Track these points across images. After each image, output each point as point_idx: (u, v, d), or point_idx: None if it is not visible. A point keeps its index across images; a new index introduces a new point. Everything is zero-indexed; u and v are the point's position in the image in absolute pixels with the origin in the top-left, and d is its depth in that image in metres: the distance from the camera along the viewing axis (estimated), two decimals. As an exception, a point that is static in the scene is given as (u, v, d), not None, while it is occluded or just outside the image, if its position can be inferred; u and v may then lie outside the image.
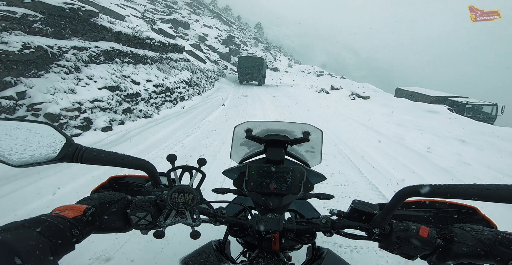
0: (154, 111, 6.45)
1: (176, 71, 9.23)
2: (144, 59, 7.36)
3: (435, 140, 4.91)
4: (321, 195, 0.80)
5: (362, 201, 0.57)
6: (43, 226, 0.37)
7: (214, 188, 0.85)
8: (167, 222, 0.50)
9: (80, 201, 0.50)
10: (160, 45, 8.67)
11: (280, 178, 0.72)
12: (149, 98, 6.44)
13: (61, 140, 0.49)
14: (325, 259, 0.63)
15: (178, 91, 8.31)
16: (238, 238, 0.73)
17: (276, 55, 51.89)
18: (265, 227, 0.57)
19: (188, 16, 35.55)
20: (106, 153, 0.51)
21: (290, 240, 0.60)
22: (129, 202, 0.53)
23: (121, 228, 0.51)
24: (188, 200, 0.50)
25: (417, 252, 0.48)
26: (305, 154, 0.89)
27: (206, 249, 0.67)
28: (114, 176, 0.74)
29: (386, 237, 0.51)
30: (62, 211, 0.44)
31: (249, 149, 0.92)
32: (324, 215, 0.59)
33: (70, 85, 4.48)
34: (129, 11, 19.37)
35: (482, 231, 0.45)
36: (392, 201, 0.48)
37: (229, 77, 21.91)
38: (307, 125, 0.82)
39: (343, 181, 2.99)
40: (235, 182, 0.77)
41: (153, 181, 0.55)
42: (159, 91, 7.04)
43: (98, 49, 5.63)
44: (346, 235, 0.58)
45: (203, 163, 0.56)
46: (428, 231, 0.47)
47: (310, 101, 10.79)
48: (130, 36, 7.00)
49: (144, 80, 6.66)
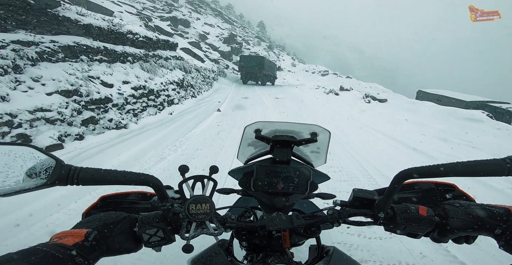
0: (131, 119, 5.24)
1: (166, 70, 8.02)
2: (123, 56, 6.16)
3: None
4: (324, 195, 0.82)
5: (361, 189, 0.59)
6: (38, 257, 0.34)
7: (218, 189, 0.81)
8: (191, 235, 0.49)
9: (76, 226, 0.46)
10: (146, 41, 7.46)
11: (287, 178, 0.72)
12: (124, 104, 5.23)
13: (49, 162, 0.45)
14: (332, 256, 0.62)
15: (166, 93, 7.10)
16: (244, 241, 0.71)
17: (279, 54, 50.60)
18: (278, 226, 0.56)
19: (189, 14, 34.63)
20: (105, 171, 0.47)
21: (299, 235, 0.62)
22: (133, 220, 0.50)
23: (132, 248, 0.48)
24: (206, 209, 0.50)
25: (421, 230, 0.50)
26: (310, 155, 0.89)
27: (215, 249, 0.65)
28: (105, 195, 0.67)
29: (390, 220, 0.52)
30: (61, 238, 0.40)
31: (255, 149, 0.91)
32: (328, 207, 0.59)
33: (1, 90, 3.28)
34: (124, 8, 18.30)
35: (469, 206, 0.48)
36: (391, 185, 0.50)
37: (230, 77, 20.68)
38: (315, 126, 0.80)
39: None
40: (241, 182, 0.77)
41: (160, 195, 0.52)
42: (140, 94, 5.83)
43: (55, 45, 4.44)
44: (352, 223, 0.59)
45: (215, 171, 0.55)
46: (426, 209, 0.50)
47: (319, 105, 9.47)
48: (105, 30, 5.80)
49: (120, 82, 5.45)
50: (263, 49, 44.42)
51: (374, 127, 5.87)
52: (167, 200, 0.52)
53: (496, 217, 0.44)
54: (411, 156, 3.87)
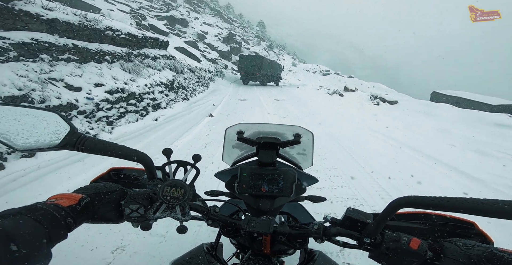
0: (103, 128, 4.44)
1: (153, 70, 7.22)
2: (99, 55, 5.36)
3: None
4: (314, 197, 0.82)
5: (356, 209, 0.56)
6: (39, 213, 0.38)
7: (207, 191, 0.85)
8: (156, 215, 0.50)
9: (77, 190, 0.51)
10: (129, 38, 6.66)
11: (271, 181, 0.71)
12: (94, 110, 4.42)
13: (66, 128, 0.50)
14: (316, 261, 0.63)
15: (151, 97, 6.30)
16: (231, 238, 0.73)
17: (279, 54, 49.78)
18: (255, 228, 0.55)
19: (187, 14, 33.95)
20: (106, 143, 0.51)
21: (281, 244, 0.60)
22: (124, 193, 0.53)
23: (113, 219, 0.51)
24: (180, 194, 0.51)
25: (405, 264, 0.46)
26: (297, 157, 0.88)
27: (197, 251, 0.67)
28: (114, 168, 0.73)
29: (376, 247, 0.50)
30: (57, 199, 0.44)
31: (242, 151, 0.90)
32: (317, 221, 0.58)
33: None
34: (118, 7, 17.54)
35: (473, 247, 0.43)
36: (385, 211, 0.47)
37: (228, 77, 19.86)
38: (298, 127, 0.79)
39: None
40: (227, 184, 0.77)
41: (149, 174, 0.55)
42: (117, 98, 5.02)
43: (5, 42, 3.65)
44: (336, 243, 0.57)
45: (198, 159, 0.56)
46: (419, 243, 0.46)
47: (324, 108, 8.61)
48: (76, 26, 4.99)
49: (91, 84, 4.65)
50: (263, 49, 43.64)
51: (394, 136, 4.99)
52: (154, 179, 0.55)
53: (502, 262, 0.37)
54: (453, 180, 2.97)
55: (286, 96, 11.88)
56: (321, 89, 14.83)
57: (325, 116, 6.95)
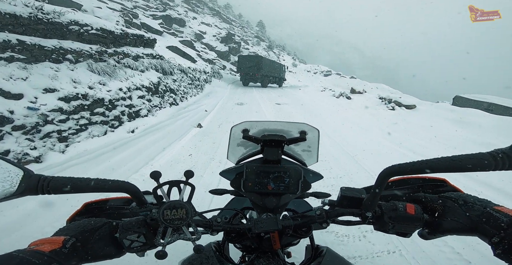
0: (52, 147, 3.39)
1: (133, 72, 6.18)
2: (57, 54, 4.32)
3: None
4: (319, 194, 0.79)
5: (349, 187, 0.57)
6: (14, 263, 0.34)
7: (211, 189, 0.83)
8: (166, 241, 0.48)
9: (56, 233, 0.46)
10: (102, 35, 5.60)
11: (277, 178, 0.70)
12: (40, 124, 3.38)
13: (18, 173, 0.44)
14: (325, 257, 0.64)
15: (127, 103, 5.25)
16: (235, 243, 0.72)
17: (279, 54, 48.80)
18: (264, 228, 0.55)
19: (185, 14, 33.00)
20: (77, 180, 0.46)
21: (289, 236, 0.62)
22: (114, 226, 0.49)
23: (112, 254, 0.47)
24: (182, 215, 0.49)
25: (410, 229, 0.48)
26: (301, 154, 0.87)
27: (206, 251, 0.65)
28: (89, 202, 0.67)
29: (378, 219, 0.51)
30: (38, 245, 0.40)
31: (246, 149, 0.89)
32: (316, 207, 0.59)
33: None
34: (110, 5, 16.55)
35: (473, 205, 0.45)
36: (377, 183, 0.48)
37: (226, 78, 18.81)
38: (303, 124, 0.78)
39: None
40: (232, 183, 0.75)
41: (138, 201, 0.52)
42: (75, 107, 3.97)
43: None
44: (341, 223, 0.58)
45: (191, 175, 0.55)
46: (414, 207, 0.48)
47: (333, 115, 7.51)
48: (24, 18, 3.95)
49: (39, 90, 3.60)
50: (263, 49, 42.64)
51: (430, 154, 3.93)
52: (145, 206, 0.52)
53: (497, 224, 0.40)
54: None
55: (288, 99, 10.82)
56: (325, 91, 13.77)
57: (336, 126, 5.86)
